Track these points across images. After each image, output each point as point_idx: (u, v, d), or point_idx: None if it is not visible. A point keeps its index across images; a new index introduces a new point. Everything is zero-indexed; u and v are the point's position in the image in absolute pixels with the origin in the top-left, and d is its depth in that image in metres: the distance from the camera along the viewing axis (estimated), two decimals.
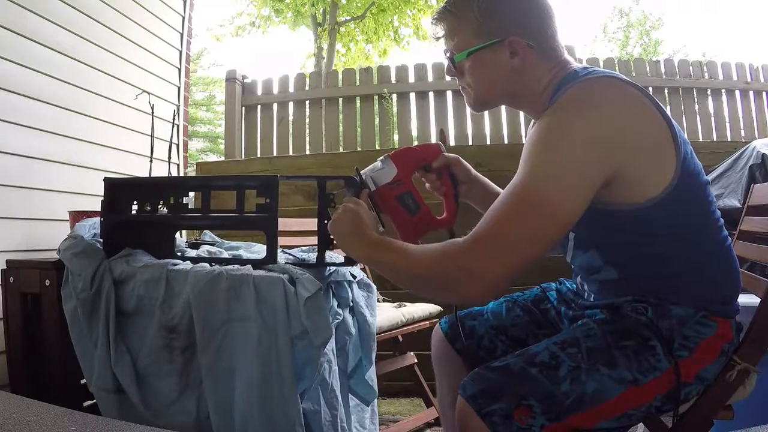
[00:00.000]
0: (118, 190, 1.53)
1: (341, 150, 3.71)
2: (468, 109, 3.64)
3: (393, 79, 3.75)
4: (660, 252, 0.94)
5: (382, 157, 1.14)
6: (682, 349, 0.91)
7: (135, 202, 1.52)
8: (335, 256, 1.54)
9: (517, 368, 0.89)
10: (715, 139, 3.73)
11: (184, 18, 3.44)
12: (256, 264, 1.41)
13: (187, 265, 1.42)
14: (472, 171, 1.24)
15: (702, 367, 0.93)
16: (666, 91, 3.81)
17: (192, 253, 1.61)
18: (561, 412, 0.85)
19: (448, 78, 1.16)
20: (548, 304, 1.22)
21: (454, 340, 1.23)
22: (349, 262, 1.41)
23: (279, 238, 2.29)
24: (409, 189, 1.12)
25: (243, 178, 1.45)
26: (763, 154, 2.31)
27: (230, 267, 1.39)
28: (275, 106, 3.84)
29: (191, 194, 1.63)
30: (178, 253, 1.54)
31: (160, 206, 1.51)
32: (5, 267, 1.67)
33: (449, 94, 3.71)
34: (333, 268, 1.44)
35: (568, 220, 0.84)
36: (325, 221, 1.35)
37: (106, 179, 1.53)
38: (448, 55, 1.05)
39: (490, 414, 0.84)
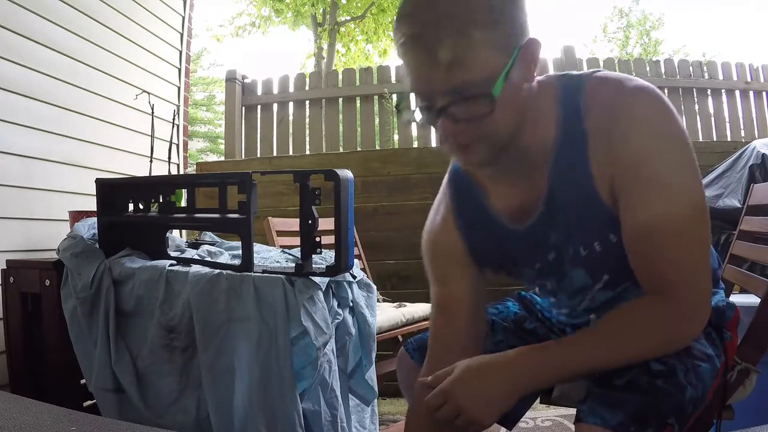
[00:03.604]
0: (109, 190, 1.54)
1: (341, 150, 3.71)
2: None
3: (393, 79, 3.75)
4: None
5: None
6: (725, 331, 0.90)
7: (131, 202, 1.52)
8: (320, 261, 1.46)
9: (644, 382, 0.77)
10: (715, 139, 3.72)
11: (184, 18, 3.44)
12: (233, 270, 1.38)
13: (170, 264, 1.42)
14: None
15: (734, 353, 0.92)
16: (666, 91, 3.80)
17: (192, 252, 1.61)
18: (684, 423, 0.78)
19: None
20: (533, 322, 1.06)
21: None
22: (331, 272, 1.32)
23: (279, 238, 2.32)
24: None
25: (224, 176, 1.42)
26: (763, 154, 2.31)
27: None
28: (275, 106, 3.84)
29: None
30: (176, 254, 1.55)
31: (152, 206, 1.51)
32: (5, 267, 1.68)
33: None
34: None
35: None
36: (309, 221, 1.30)
37: (97, 180, 1.54)
38: (464, 94, 0.68)
39: None
